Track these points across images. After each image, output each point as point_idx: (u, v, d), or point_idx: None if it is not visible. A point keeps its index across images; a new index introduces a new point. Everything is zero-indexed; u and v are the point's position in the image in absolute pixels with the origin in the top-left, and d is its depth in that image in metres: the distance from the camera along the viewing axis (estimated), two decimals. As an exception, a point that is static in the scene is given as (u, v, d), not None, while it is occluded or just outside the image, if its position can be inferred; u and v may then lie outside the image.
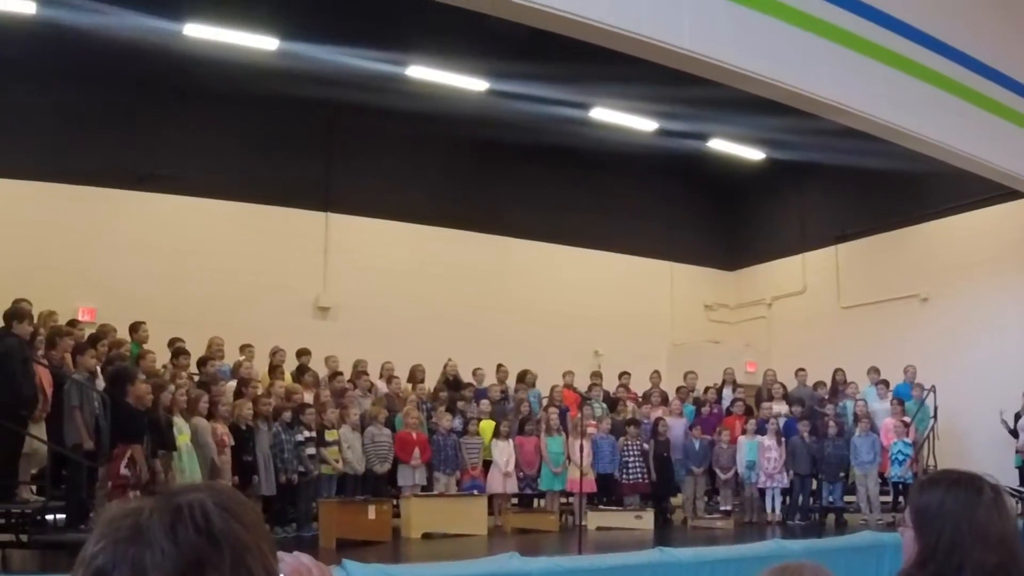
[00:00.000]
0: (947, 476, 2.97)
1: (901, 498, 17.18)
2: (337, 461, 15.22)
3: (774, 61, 13.12)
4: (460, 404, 17.42)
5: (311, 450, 14.88)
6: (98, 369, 13.02)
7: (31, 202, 17.82)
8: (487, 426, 17.09)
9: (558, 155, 21.73)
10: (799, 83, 13.43)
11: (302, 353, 17.10)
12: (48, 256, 17.19)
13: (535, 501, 17.66)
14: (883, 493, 17.75)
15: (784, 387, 19.41)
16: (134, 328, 15.19)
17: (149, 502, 1.39)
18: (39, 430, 11.67)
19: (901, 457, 17.25)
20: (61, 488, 11.77)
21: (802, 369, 19.75)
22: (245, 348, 16.52)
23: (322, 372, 17.10)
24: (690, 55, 12.28)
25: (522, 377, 18.88)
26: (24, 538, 11.40)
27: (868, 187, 22.48)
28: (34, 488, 11.94)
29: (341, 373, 17.07)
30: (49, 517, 11.75)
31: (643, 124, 21.55)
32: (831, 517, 17.93)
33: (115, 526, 1.36)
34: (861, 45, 14.21)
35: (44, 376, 11.94)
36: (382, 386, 17.45)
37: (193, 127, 19.38)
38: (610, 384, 19.88)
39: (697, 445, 18.10)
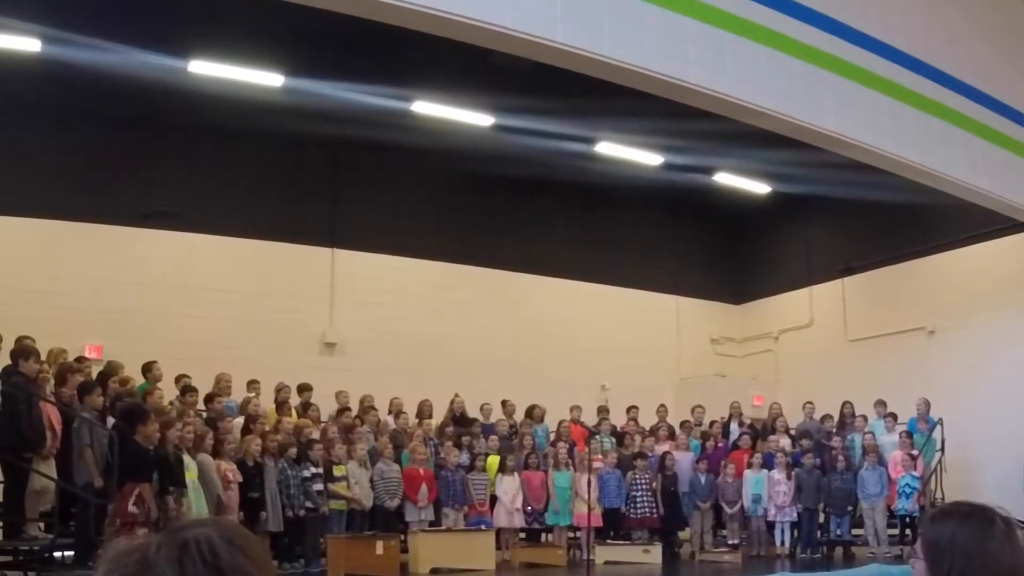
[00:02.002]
0: (959, 508, 2.94)
1: (908, 531, 17.12)
2: (348, 490, 15.20)
3: (779, 95, 13.16)
4: (466, 439, 17.38)
5: (318, 486, 14.85)
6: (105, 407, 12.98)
7: (37, 239, 17.89)
8: (494, 461, 17.06)
9: (564, 190, 21.75)
10: (804, 116, 13.45)
11: (304, 389, 17.08)
12: (54, 293, 17.22)
13: (543, 535, 17.60)
14: (891, 526, 17.67)
15: (786, 420, 19.39)
16: (147, 368, 15.16)
17: (156, 537, 1.40)
18: (49, 467, 11.65)
19: (909, 490, 17.17)
20: (69, 525, 11.74)
21: (809, 402, 19.69)
22: (252, 384, 16.51)
23: (331, 407, 17.09)
24: (695, 89, 12.33)
25: (530, 412, 18.84)
26: (32, 575, 11.38)
27: (874, 220, 22.47)
28: (42, 525, 11.91)
29: (349, 408, 17.05)
30: (57, 554, 11.72)
31: (648, 158, 21.57)
32: (839, 550, 17.87)
33: (122, 561, 1.37)
34: (866, 78, 14.25)
35: (52, 414, 11.92)
36: (390, 421, 17.43)
37: (199, 164, 19.44)
38: (617, 418, 19.83)
39: (703, 479, 18.07)
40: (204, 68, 17.13)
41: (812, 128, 13.68)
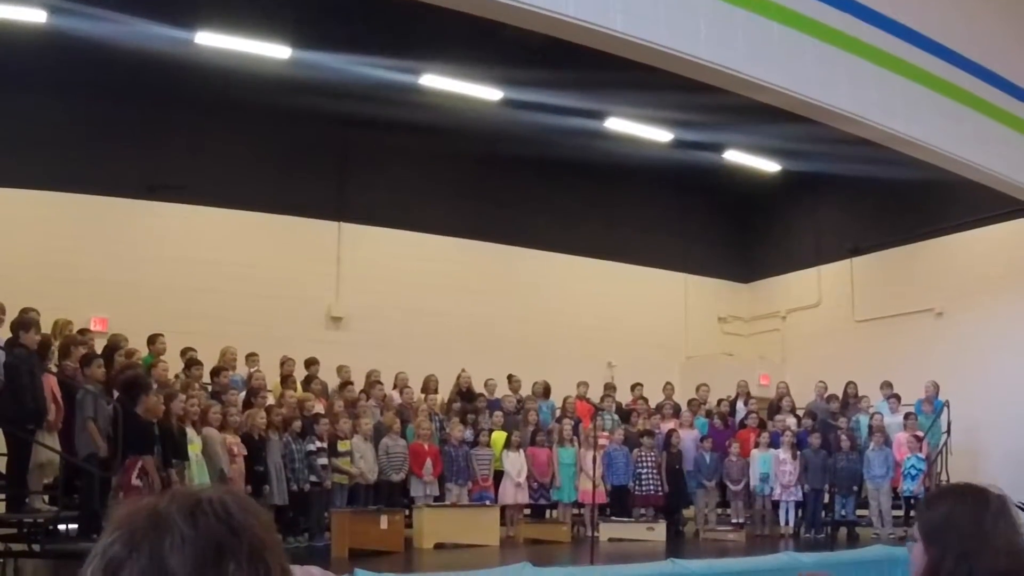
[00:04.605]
0: (954, 489, 3.03)
1: (913, 513, 17.08)
2: (351, 466, 15.20)
3: (791, 73, 13.06)
4: (471, 415, 17.37)
5: (323, 460, 14.85)
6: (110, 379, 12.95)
7: (43, 212, 17.82)
8: (499, 437, 17.05)
9: (573, 166, 21.63)
10: (816, 95, 13.36)
11: (310, 363, 17.06)
12: (60, 266, 17.17)
13: (547, 512, 17.62)
14: (895, 508, 17.64)
15: (792, 400, 19.38)
16: (152, 340, 15.14)
17: (167, 494, 1.40)
18: (53, 440, 11.62)
19: (914, 472, 17.13)
20: (73, 498, 11.73)
21: (822, 382, 19.65)
22: (250, 357, 16.47)
23: (334, 382, 17.06)
24: (706, 65, 12.24)
25: (535, 388, 18.82)
26: (36, 548, 11.38)
27: (883, 201, 22.39)
28: (46, 498, 11.90)
29: (352, 383, 17.03)
30: (61, 527, 11.73)
31: (658, 135, 21.48)
32: (843, 531, 17.85)
33: (133, 516, 1.36)
34: (879, 57, 14.15)
35: (55, 386, 11.88)
36: (395, 396, 17.41)
37: (205, 136, 19.37)
38: (623, 396, 19.81)
39: (708, 458, 18.04)
40: (211, 40, 17.06)
41: (824, 107, 13.59)
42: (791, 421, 18.73)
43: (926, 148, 15.10)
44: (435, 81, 18.81)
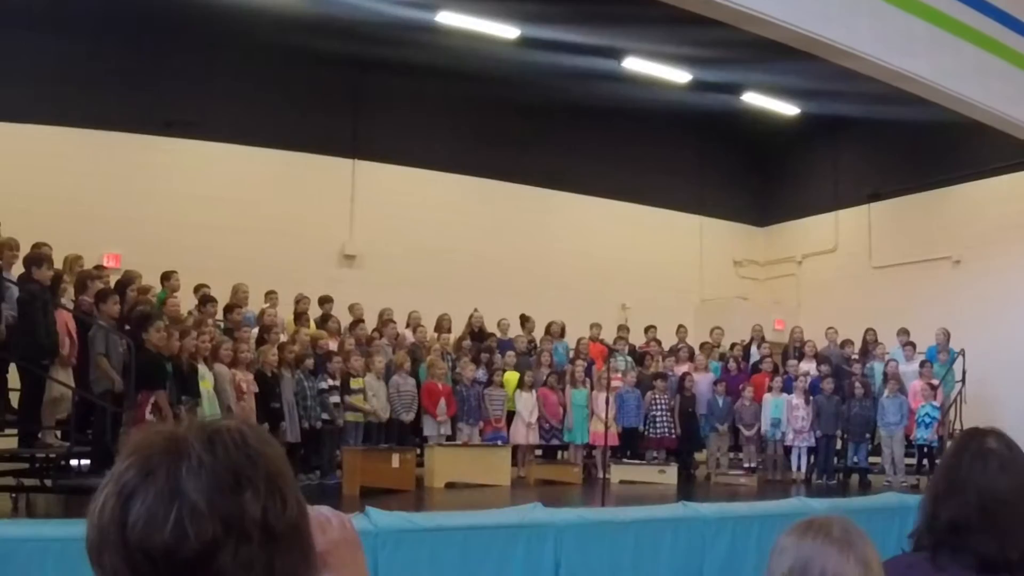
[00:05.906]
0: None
1: (926, 461, 17.04)
2: (365, 403, 15.21)
3: (815, 15, 12.91)
4: (484, 355, 17.34)
5: (335, 398, 14.87)
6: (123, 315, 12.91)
7: (56, 148, 17.75)
8: (511, 377, 17.04)
9: (590, 106, 21.42)
10: (839, 38, 13.21)
11: (324, 301, 17.03)
12: (74, 202, 17.14)
13: (559, 453, 17.64)
14: (908, 456, 17.58)
15: (814, 344, 19.26)
16: (166, 276, 15.09)
17: (184, 422, 1.41)
18: (66, 375, 11.61)
19: (928, 420, 17.04)
20: (86, 434, 11.73)
21: (832, 328, 19.56)
22: (269, 295, 16.45)
23: (346, 320, 17.04)
24: (726, 5, 12.07)
25: (549, 328, 18.77)
26: (48, 483, 11.42)
27: (903, 147, 22.19)
28: (59, 433, 11.92)
29: (363, 321, 17.01)
30: (73, 462, 11.75)
31: (676, 75, 21.23)
32: (855, 477, 17.82)
33: (149, 441, 1.37)
34: (901, 1, 13.96)
35: (70, 321, 11.85)
36: (408, 335, 17.38)
37: (221, 73, 19.21)
38: (637, 338, 19.75)
39: (721, 402, 18.01)
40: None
41: (847, 50, 13.42)
42: (811, 367, 18.62)
43: (950, 95, 14.93)
44: (451, 18, 18.59)
